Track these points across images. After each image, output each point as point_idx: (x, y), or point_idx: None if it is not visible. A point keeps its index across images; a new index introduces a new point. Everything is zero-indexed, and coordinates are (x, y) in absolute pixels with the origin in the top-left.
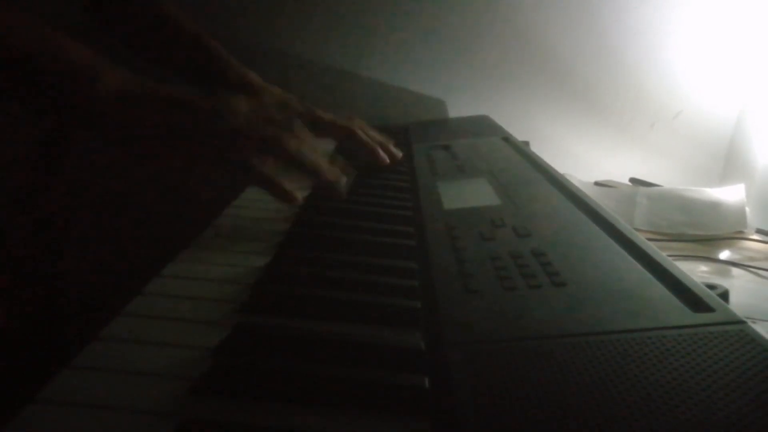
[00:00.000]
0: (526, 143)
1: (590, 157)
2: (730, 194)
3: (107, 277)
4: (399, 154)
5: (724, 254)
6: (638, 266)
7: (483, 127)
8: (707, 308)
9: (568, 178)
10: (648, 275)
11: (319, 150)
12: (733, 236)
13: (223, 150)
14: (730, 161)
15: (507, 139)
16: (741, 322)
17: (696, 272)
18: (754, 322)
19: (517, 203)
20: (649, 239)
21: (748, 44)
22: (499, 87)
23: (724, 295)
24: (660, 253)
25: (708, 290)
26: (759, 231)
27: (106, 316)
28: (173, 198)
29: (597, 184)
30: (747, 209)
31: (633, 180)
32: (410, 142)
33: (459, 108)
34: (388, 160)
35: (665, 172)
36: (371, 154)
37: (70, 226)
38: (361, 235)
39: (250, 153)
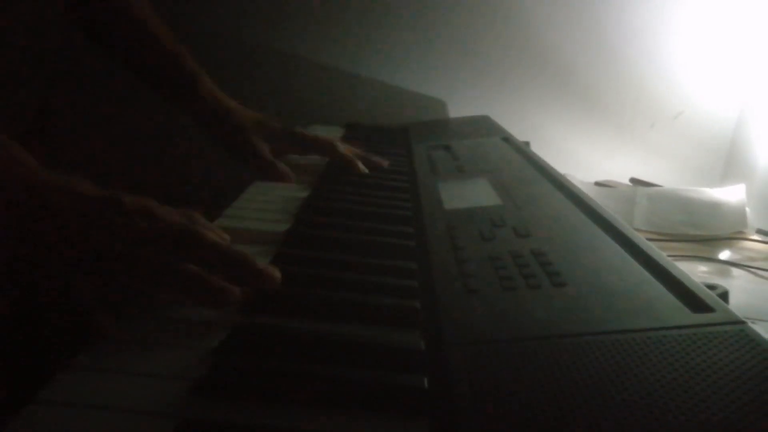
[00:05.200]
0: (527, 143)
1: (590, 157)
2: (731, 194)
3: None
4: (384, 162)
5: (724, 254)
6: (638, 266)
7: (483, 127)
8: (707, 308)
9: (568, 178)
10: (648, 275)
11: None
12: (733, 236)
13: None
14: (730, 161)
15: (507, 139)
16: (741, 322)
17: (696, 272)
18: (753, 323)
19: (517, 203)
20: (649, 239)
21: (749, 44)
22: (500, 87)
23: (724, 296)
24: (660, 253)
25: (708, 290)
26: (759, 231)
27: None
28: (173, 198)
29: (597, 184)
30: (747, 209)
31: (633, 180)
32: (410, 142)
33: (459, 108)
34: (367, 170)
35: (666, 173)
36: (351, 166)
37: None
38: (361, 236)
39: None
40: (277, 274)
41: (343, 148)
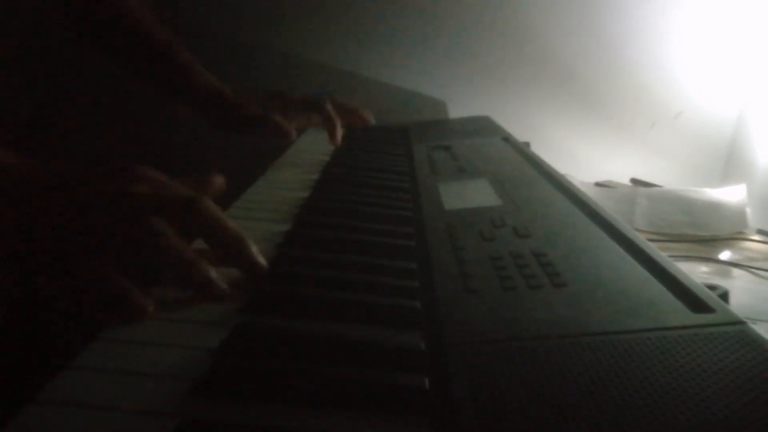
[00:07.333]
0: (527, 144)
1: (591, 157)
2: (731, 194)
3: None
4: (371, 121)
5: (725, 255)
6: (638, 267)
7: (483, 127)
8: (707, 309)
9: (568, 178)
10: (648, 276)
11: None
12: (733, 237)
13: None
14: (730, 161)
15: (507, 139)
16: (741, 322)
17: (696, 273)
18: (754, 323)
19: (517, 204)
20: (650, 240)
21: (749, 44)
22: (500, 87)
23: (724, 296)
24: (660, 253)
25: (708, 291)
26: (759, 231)
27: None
28: None
29: (597, 184)
30: (748, 210)
31: (633, 180)
32: (410, 142)
33: (459, 108)
34: (339, 143)
35: (666, 173)
36: (330, 130)
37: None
38: (361, 236)
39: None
40: (264, 269)
41: (333, 111)
